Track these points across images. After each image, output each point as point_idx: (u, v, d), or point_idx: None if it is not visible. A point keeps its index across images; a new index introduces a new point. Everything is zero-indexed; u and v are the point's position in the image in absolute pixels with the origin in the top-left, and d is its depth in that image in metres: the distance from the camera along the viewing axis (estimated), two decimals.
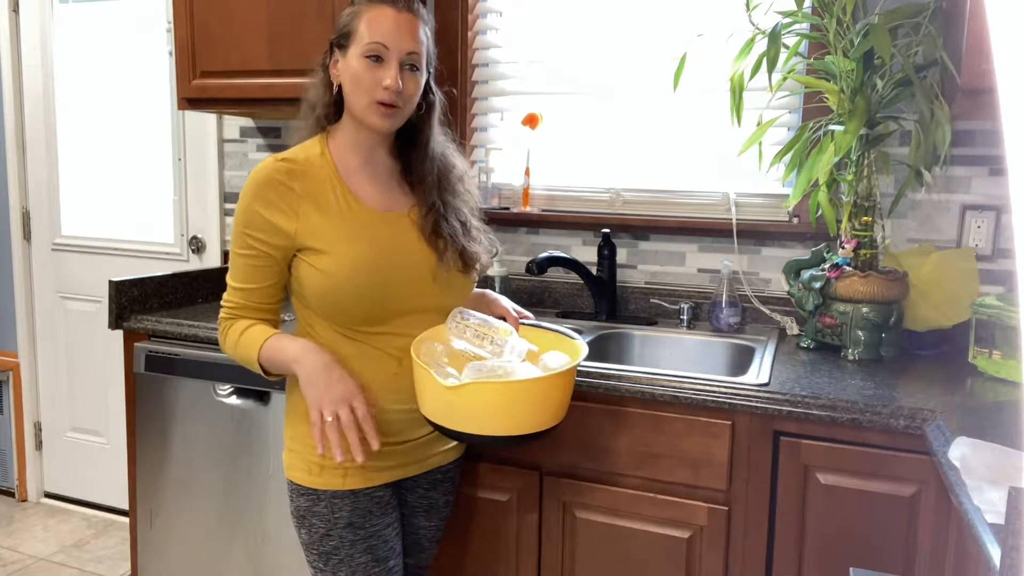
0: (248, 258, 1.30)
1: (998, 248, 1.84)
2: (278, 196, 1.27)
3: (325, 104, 1.36)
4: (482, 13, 2.30)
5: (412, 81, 1.31)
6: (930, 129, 1.60)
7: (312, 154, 1.33)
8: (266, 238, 1.28)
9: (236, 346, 1.33)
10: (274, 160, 1.30)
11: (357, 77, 1.28)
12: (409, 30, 1.29)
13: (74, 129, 2.96)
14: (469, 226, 1.41)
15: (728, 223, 2.02)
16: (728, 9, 1.93)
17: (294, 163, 1.30)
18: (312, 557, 1.37)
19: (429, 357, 1.29)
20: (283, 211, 1.27)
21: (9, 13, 2.93)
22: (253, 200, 1.28)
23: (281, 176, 1.28)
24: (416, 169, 1.39)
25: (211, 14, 2.13)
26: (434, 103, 1.40)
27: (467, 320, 1.34)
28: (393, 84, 1.26)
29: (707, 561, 1.52)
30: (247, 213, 1.29)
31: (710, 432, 1.49)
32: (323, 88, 1.36)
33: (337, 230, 1.29)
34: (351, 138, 1.35)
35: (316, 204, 1.29)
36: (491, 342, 1.33)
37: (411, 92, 1.31)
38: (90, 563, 2.69)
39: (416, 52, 1.30)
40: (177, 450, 1.99)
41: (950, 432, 1.24)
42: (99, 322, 2.91)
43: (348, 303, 1.28)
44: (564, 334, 1.44)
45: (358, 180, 1.34)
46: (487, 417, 1.23)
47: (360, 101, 1.29)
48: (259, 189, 1.28)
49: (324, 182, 1.31)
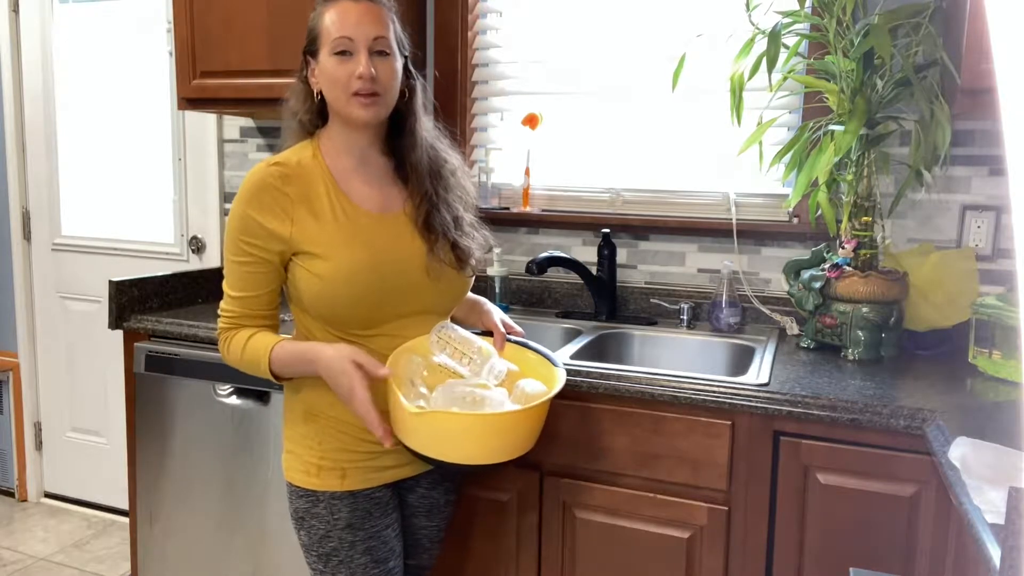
0: (245, 265, 1.29)
1: (998, 248, 1.84)
2: (273, 201, 1.27)
3: (307, 110, 1.36)
4: (482, 13, 2.29)
5: (385, 66, 1.29)
6: (930, 129, 1.60)
7: (304, 157, 1.32)
8: (262, 244, 1.27)
9: (243, 355, 1.31)
10: (267, 165, 1.29)
11: (331, 76, 1.28)
12: (370, 18, 1.28)
13: (74, 129, 2.96)
14: (462, 221, 1.40)
15: (728, 223, 2.02)
16: (728, 9, 1.92)
17: (287, 167, 1.29)
18: (311, 558, 1.37)
19: (408, 371, 1.29)
20: (278, 216, 1.27)
21: (9, 13, 2.93)
22: (248, 206, 1.27)
23: (275, 180, 1.27)
24: (408, 158, 1.37)
25: (211, 14, 2.13)
26: (415, 87, 1.39)
27: (449, 335, 1.33)
28: (364, 71, 1.26)
29: (707, 561, 1.52)
30: (242, 219, 1.28)
31: (710, 432, 1.48)
32: (304, 97, 1.36)
33: (332, 234, 1.28)
34: (342, 140, 1.34)
35: (310, 208, 1.28)
36: (470, 361, 1.32)
37: (387, 77, 1.29)
38: (90, 563, 2.69)
39: (382, 36, 1.29)
40: (177, 450, 1.99)
41: (950, 432, 1.24)
42: (99, 322, 2.91)
43: (344, 307, 1.28)
44: (547, 357, 1.42)
45: (352, 182, 1.33)
46: (449, 444, 1.22)
47: (339, 98, 1.29)
48: (253, 194, 1.27)
49: (318, 185, 1.30)
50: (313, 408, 1.34)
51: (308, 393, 1.35)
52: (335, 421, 1.33)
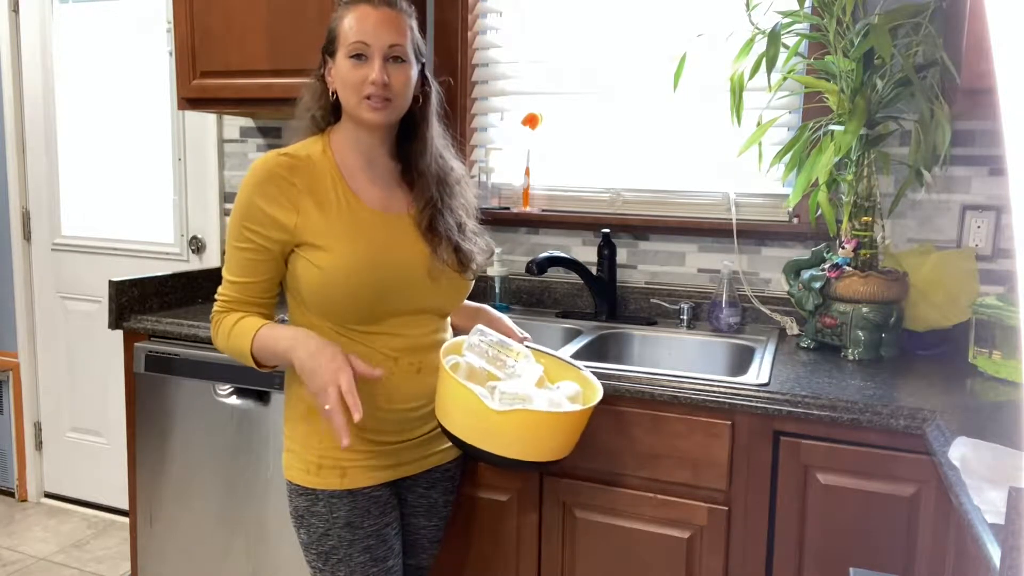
0: (246, 252, 1.30)
1: (998, 248, 1.84)
2: (279, 190, 1.27)
3: (321, 107, 1.37)
4: (482, 13, 2.29)
5: (399, 73, 1.30)
6: (930, 129, 1.60)
7: (314, 151, 1.33)
8: (265, 232, 1.28)
9: (228, 338, 1.31)
10: (276, 155, 1.30)
11: (344, 78, 1.30)
12: (388, 24, 1.30)
13: (74, 129, 2.96)
14: (465, 226, 1.41)
15: (728, 223, 2.02)
16: (728, 9, 1.92)
17: (296, 158, 1.31)
18: (311, 557, 1.37)
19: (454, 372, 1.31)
20: (283, 206, 1.27)
21: (9, 13, 2.93)
22: (253, 193, 1.28)
23: (283, 170, 1.28)
24: (416, 163, 1.39)
25: (211, 14, 2.13)
26: (430, 94, 1.41)
27: (487, 338, 1.37)
28: (377, 78, 1.27)
29: (707, 561, 1.52)
30: (247, 207, 1.28)
31: (710, 432, 1.48)
32: (319, 95, 1.38)
33: (336, 227, 1.29)
34: (352, 139, 1.36)
35: (316, 200, 1.29)
36: (504, 364, 1.36)
37: (400, 84, 1.31)
38: (90, 563, 2.69)
39: (398, 44, 1.30)
40: (177, 450, 1.99)
41: (950, 432, 1.24)
42: (99, 322, 2.91)
43: (343, 301, 1.28)
44: (567, 362, 1.49)
45: (359, 180, 1.34)
46: (519, 442, 1.26)
47: (351, 100, 1.30)
48: (260, 183, 1.28)
49: (325, 179, 1.31)
50: (310, 406, 1.34)
51: (302, 391, 1.34)
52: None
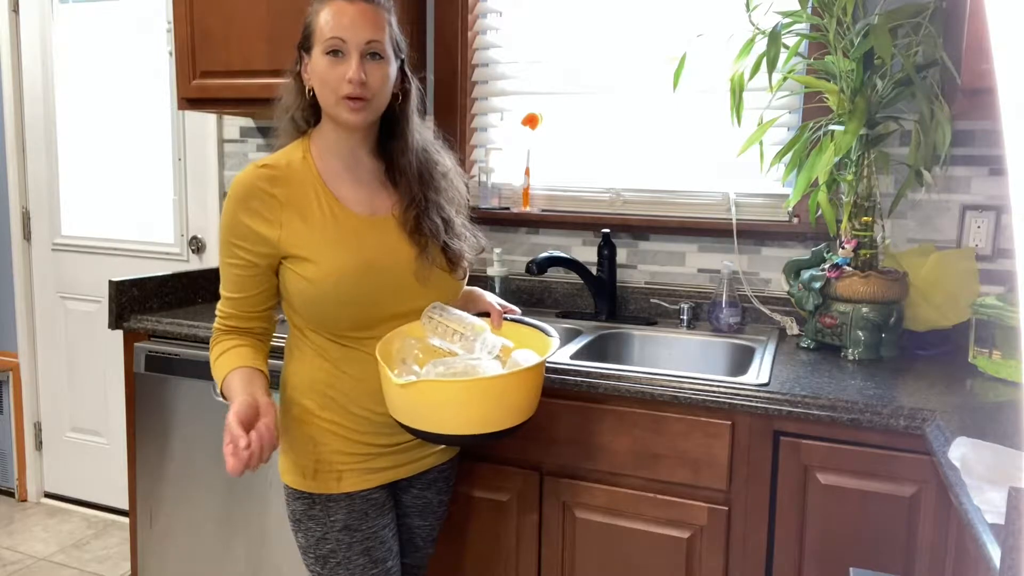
0: (235, 267, 1.30)
1: (998, 248, 1.83)
2: (261, 204, 1.26)
3: (299, 107, 1.35)
4: (482, 13, 2.29)
5: (377, 70, 1.28)
6: (930, 129, 1.60)
7: (294, 159, 1.32)
8: (251, 247, 1.27)
9: (213, 366, 1.33)
10: (255, 167, 1.29)
11: (321, 76, 1.27)
12: (365, 20, 1.27)
13: (74, 129, 2.96)
14: (452, 223, 1.39)
15: (728, 223, 2.02)
16: (728, 9, 1.92)
17: (276, 169, 1.29)
18: (309, 560, 1.37)
19: (401, 351, 1.29)
20: (267, 220, 1.26)
21: (9, 13, 2.93)
22: (237, 209, 1.27)
23: (263, 183, 1.27)
24: (398, 162, 1.36)
25: (211, 14, 2.13)
26: (410, 91, 1.38)
27: (441, 316, 1.32)
28: (355, 76, 1.24)
29: (707, 561, 1.52)
30: (232, 223, 1.28)
31: (710, 432, 1.48)
32: (296, 93, 1.35)
33: (320, 237, 1.27)
34: (331, 141, 1.33)
35: (299, 211, 1.28)
36: (462, 338, 1.31)
37: (377, 82, 1.28)
38: (90, 563, 2.69)
39: (376, 40, 1.27)
40: (177, 450, 1.99)
41: (950, 432, 1.24)
42: (99, 322, 2.91)
43: (334, 310, 1.28)
44: (541, 329, 1.42)
45: (342, 184, 1.32)
46: (445, 415, 1.22)
47: (328, 99, 1.28)
48: (242, 198, 1.27)
49: (307, 188, 1.29)
50: (305, 410, 1.34)
51: (298, 395, 1.35)
52: (328, 423, 1.33)
